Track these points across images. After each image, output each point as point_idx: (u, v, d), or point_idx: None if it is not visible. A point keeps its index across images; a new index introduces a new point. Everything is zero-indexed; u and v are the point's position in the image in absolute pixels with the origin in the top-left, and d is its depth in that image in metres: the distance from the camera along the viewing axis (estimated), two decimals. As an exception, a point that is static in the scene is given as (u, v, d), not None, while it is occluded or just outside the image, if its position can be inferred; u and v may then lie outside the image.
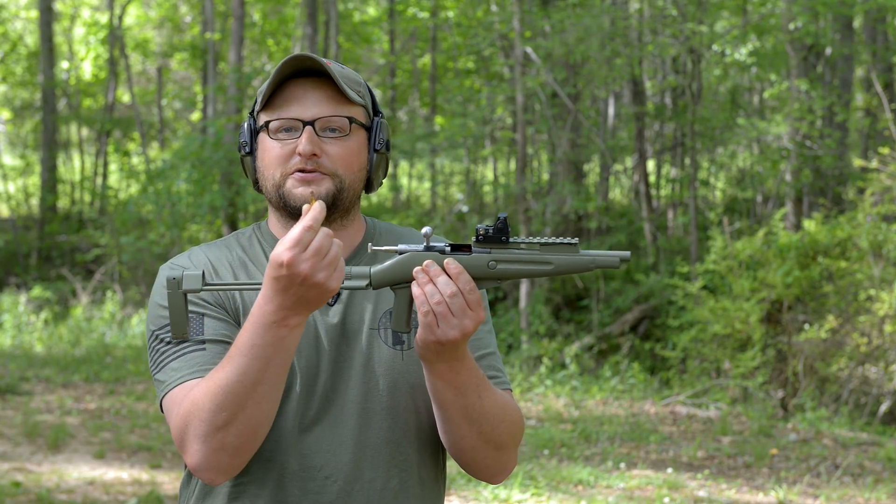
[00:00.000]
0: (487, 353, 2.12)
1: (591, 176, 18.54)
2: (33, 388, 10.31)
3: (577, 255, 1.84)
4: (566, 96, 13.85)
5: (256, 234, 2.09)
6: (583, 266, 1.84)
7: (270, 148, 1.99)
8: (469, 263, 1.84)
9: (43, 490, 6.71)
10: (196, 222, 13.36)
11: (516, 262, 1.84)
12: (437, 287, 1.82)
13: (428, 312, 1.82)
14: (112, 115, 22.25)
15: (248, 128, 2.04)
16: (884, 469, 7.65)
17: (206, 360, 1.91)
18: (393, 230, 2.15)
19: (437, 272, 1.83)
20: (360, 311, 2.03)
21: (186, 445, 1.85)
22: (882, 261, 10.06)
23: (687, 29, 13.73)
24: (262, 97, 2.00)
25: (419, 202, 22.32)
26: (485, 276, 1.85)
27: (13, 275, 18.30)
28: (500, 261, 1.84)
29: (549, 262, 1.84)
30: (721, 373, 10.64)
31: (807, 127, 13.72)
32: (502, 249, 1.85)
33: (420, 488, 2.03)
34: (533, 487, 6.84)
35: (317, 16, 17.85)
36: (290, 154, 1.98)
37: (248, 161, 2.05)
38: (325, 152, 1.97)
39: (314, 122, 1.97)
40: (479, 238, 1.85)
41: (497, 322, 13.72)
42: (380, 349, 2.02)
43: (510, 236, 1.85)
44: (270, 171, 1.99)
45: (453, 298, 1.82)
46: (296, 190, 1.98)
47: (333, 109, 1.99)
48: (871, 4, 13.66)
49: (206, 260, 2.03)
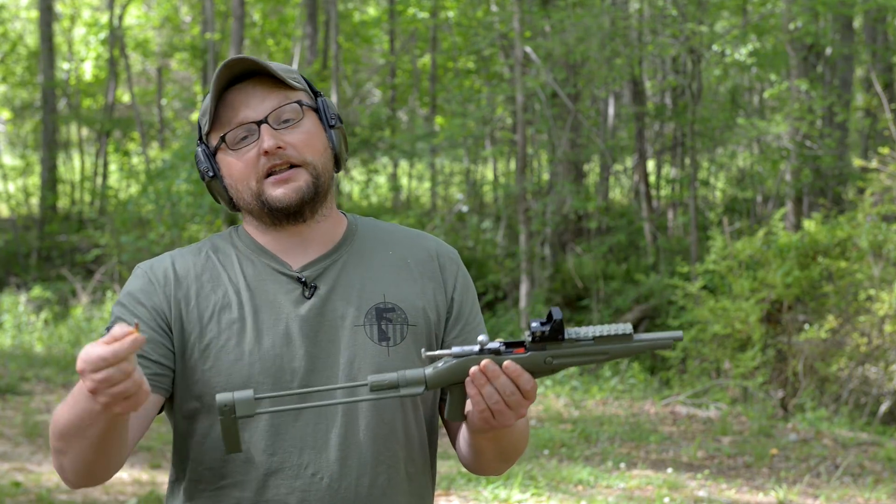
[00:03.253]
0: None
1: (591, 176, 18.54)
2: (33, 388, 10.31)
3: (632, 342, 1.85)
4: (566, 96, 13.85)
5: (232, 238, 2.08)
6: (638, 350, 1.85)
7: (234, 161, 1.99)
8: (526, 363, 1.85)
9: (43, 490, 6.71)
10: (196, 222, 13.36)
11: (572, 356, 1.85)
12: (495, 388, 1.84)
13: (485, 410, 1.85)
14: (112, 115, 22.25)
15: (204, 153, 2.04)
16: (884, 469, 7.65)
17: None
18: (377, 227, 2.13)
19: (495, 374, 1.83)
20: (343, 304, 2.01)
21: (54, 457, 1.93)
22: (882, 261, 10.06)
23: (687, 29, 13.73)
24: (207, 117, 2.01)
25: (419, 202, 22.32)
26: (541, 371, 1.85)
27: (13, 275, 18.30)
28: (556, 356, 1.85)
29: (605, 351, 1.85)
30: (721, 373, 10.64)
31: (807, 127, 13.73)
32: (558, 345, 1.85)
33: (408, 483, 2.03)
34: (533, 487, 6.84)
35: (317, 16, 17.86)
36: (255, 158, 1.97)
37: (215, 185, 2.05)
38: (287, 143, 1.97)
39: (267, 119, 1.98)
40: (535, 339, 1.85)
41: (497, 322, 13.73)
42: (365, 345, 2.00)
43: (565, 332, 1.84)
44: (244, 183, 1.99)
45: (512, 397, 1.84)
46: (276, 192, 1.98)
47: (280, 100, 1.99)
48: (871, 4, 13.66)
49: (171, 269, 2.04)
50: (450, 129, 15.34)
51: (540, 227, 13.96)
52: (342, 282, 2.03)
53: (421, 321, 2.05)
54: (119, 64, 22.44)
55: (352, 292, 2.02)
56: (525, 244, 13.54)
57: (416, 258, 2.10)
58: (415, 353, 2.04)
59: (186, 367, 1.98)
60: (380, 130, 18.83)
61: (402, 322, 2.03)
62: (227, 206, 2.07)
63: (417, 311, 2.05)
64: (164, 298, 2.00)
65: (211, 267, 2.04)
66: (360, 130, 18.31)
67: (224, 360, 1.97)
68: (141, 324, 1.96)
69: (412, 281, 2.07)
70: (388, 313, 2.03)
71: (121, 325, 1.69)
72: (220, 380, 1.96)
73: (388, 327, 2.03)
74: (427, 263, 2.10)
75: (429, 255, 2.11)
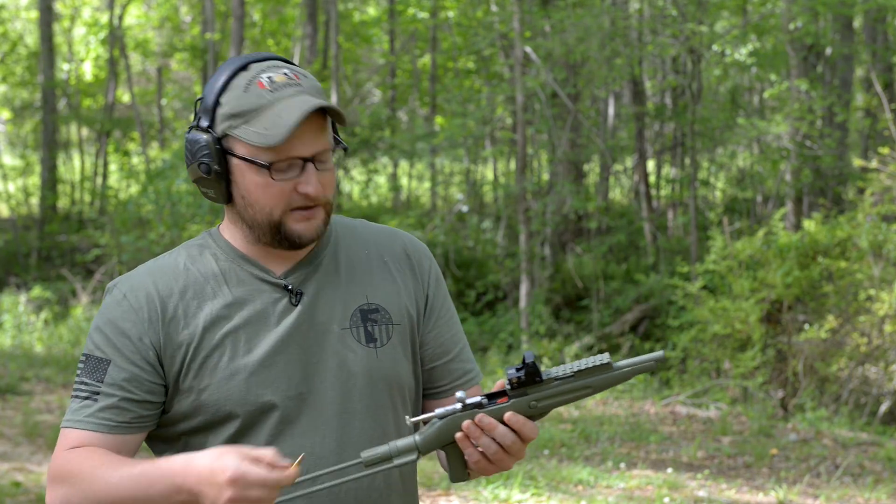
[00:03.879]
0: (459, 349, 2.14)
1: (591, 176, 18.54)
2: (33, 388, 10.31)
3: (613, 371, 1.84)
4: (566, 96, 13.85)
5: (209, 246, 2.04)
6: (622, 378, 1.84)
7: (268, 185, 1.93)
8: (512, 410, 1.85)
9: (43, 490, 6.70)
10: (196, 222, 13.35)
11: (555, 396, 1.85)
12: (493, 438, 1.85)
13: (480, 461, 1.87)
14: (112, 115, 22.25)
15: (215, 149, 1.95)
16: (884, 469, 7.65)
17: (92, 414, 1.95)
18: (349, 226, 2.12)
19: (490, 426, 1.85)
20: (329, 309, 2.01)
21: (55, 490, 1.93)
22: (882, 261, 10.06)
23: (687, 29, 13.73)
24: (261, 137, 1.90)
25: (419, 202, 22.31)
26: (528, 415, 1.85)
27: (13, 275, 18.30)
28: (539, 399, 1.84)
29: (587, 385, 1.84)
30: (721, 373, 10.64)
31: (807, 127, 13.72)
32: (539, 388, 1.85)
33: (402, 484, 2.05)
34: (533, 487, 6.83)
35: (317, 16, 17.86)
36: (289, 191, 1.93)
37: (215, 183, 1.97)
38: (322, 185, 1.96)
39: (314, 158, 1.94)
40: (514, 386, 1.85)
41: (497, 322, 13.72)
42: (353, 348, 2.01)
43: (541, 373, 1.84)
44: (268, 209, 1.94)
45: (514, 445, 1.85)
46: (298, 226, 1.96)
47: (324, 141, 1.95)
48: (871, 4, 13.66)
49: (154, 291, 1.99)
50: (450, 129, 15.33)
51: (540, 227, 13.96)
52: (326, 286, 2.02)
53: (405, 319, 2.07)
54: (119, 64, 22.44)
55: (336, 296, 2.02)
56: (525, 244, 13.54)
57: (392, 255, 2.11)
58: (401, 352, 2.05)
59: (180, 389, 1.97)
60: (380, 130, 18.83)
61: (387, 322, 2.04)
62: (218, 200, 2.00)
63: (401, 310, 2.06)
64: (149, 327, 1.96)
65: (193, 281, 1.99)
66: (360, 130, 18.31)
67: (219, 377, 1.96)
68: (124, 360, 1.95)
69: (391, 279, 2.08)
70: (372, 314, 2.04)
71: (281, 458, 1.79)
72: (217, 397, 1.95)
73: (374, 328, 2.03)
74: (403, 261, 2.11)
75: (404, 251, 2.12)
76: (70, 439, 1.95)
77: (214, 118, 1.95)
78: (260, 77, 1.93)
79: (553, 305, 14.10)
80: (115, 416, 1.95)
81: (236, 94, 1.93)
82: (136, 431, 1.97)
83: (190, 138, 1.98)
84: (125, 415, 1.95)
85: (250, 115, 1.92)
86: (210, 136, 1.95)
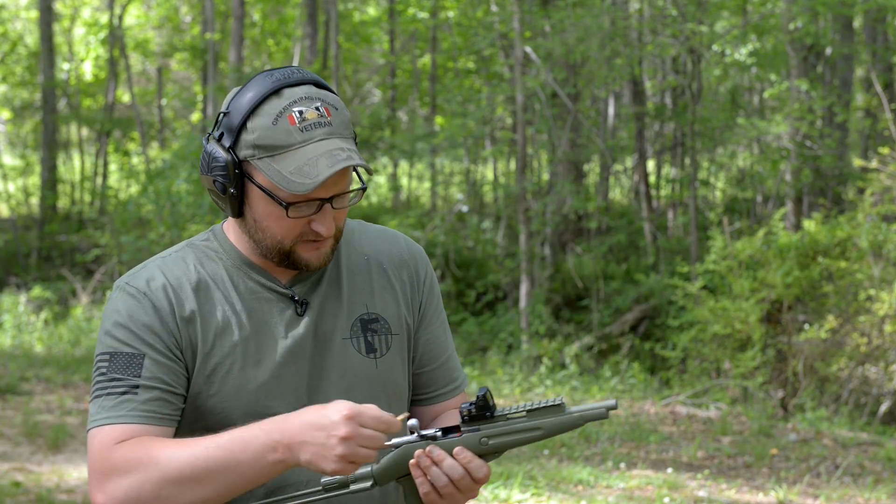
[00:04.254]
0: (446, 357, 2.14)
1: (591, 176, 18.54)
2: (33, 388, 10.31)
3: (564, 414, 1.84)
4: (566, 96, 13.85)
5: (214, 247, 2.03)
6: (572, 424, 1.84)
7: (281, 219, 1.92)
8: (461, 445, 1.85)
9: (43, 490, 6.71)
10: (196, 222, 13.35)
11: (507, 434, 1.85)
12: (441, 470, 1.84)
13: (430, 493, 1.85)
14: (112, 115, 22.24)
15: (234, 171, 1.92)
16: (884, 469, 7.64)
17: (136, 407, 1.89)
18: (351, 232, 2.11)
19: (440, 456, 1.84)
20: (332, 319, 2.01)
21: (117, 483, 1.84)
22: (882, 261, 10.06)
23: (687, 29, 13.72)
24: (289, 183, 1.87)
25: (419, 202, 22.31)
26: (480, 453, 1.85)
27: (13, 275, 18.29)
28: (491, 436, 1.85)
29: (538, 427, 1.85)
30: (721, 373, 10.64)
31: (807, 127, 13.72)
32: (491, 424, 1.85)
33: (396, 492, 2.05)
34: (533, 487, 6.83)
35: (317, 16, 17.85)
36: (302, 225, 1.93)
37: (228, 200, 1.95)
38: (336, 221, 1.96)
39: (332, 200, 1.93)
40: (465, 419, 1.86)
41: (497, 322, 13.72)
42: (354, 358, 2.02)
43: (494, 409, 1.85)
44: (278, 238, 1.94)
45: (462, 481, 1.84)
46: (307, 255, 1.96)
47: (346, 183, 1.94)
48: (871, 4, 13.66)
49: (169, 287, 1.97)
50: (450, 129, 15.33)
51: (540, 227, 13.96)
52: (329, 295, 2.03)
53: (402, 329, 2.07)
54: (119, 64, 22.44)
55: (339, 305, 2.02)
56: (525, 244, 13.54)
57: (391, 262, 2.10)
58: (399, 361, 2.06)
59: (190, 392, 1.97)
60: (380, 130, 18.83)
61: (386, 332, 2.05)
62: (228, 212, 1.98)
63: (400, 320, 2.07)
64: (171, 323, 1.95)
65: (204, 284, 1.99)
66: (360, 130, 18.31)
67: (230, 386, 1.96)
68: (157, 353, 1.92)
69: (390, 287, 2.08)
70: (372, 324, 2.04)
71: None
72: (226, 406, 1.95)
73: (374, 338, 2.04)
74: (401, 267, 2.11)
75: (402, 258, 2.11)
76: (114, 434, 1.88)
77: (238, 141, 1.92)
78: (291, 111, 1.90)
79: (553, 305, 14.10)
80: (161, 408, 1.91)
81: (264, 124, 1.90)
82: (176, 424, 1.94)
83: (210, 151, 1.95)
84: (168, 407, 1.93)
85: (276, 152, 1.89)
86: (231, 157, 1.92)
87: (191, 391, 1.96)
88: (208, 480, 1.81)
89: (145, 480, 1.81)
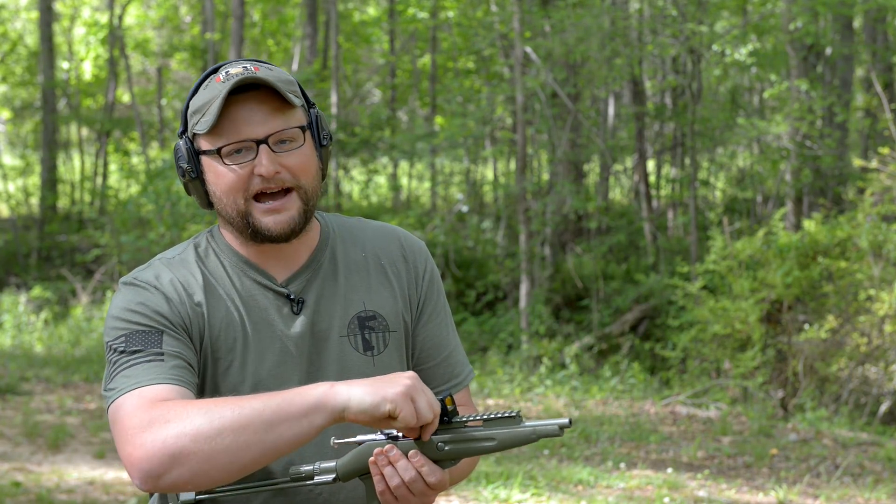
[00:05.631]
0: (448, 353, 2.13)
1: (591, 176, 18.54)
2: (33, 388, 10.31)
3: (518, 427, 1.85)
4: (566, 96, 13.85)
5: (212, 246, 2.03)
6: (524, 438, 1.85)
7: (224, 174, 1.92)
8: (418, 447, 1.86)
9: (43, 490, 6.71)
10: (196, 222, 13.35)
11: (463, 441, 1.86)
12: (395, 470, 1.83)
13: (384, 492, 1.84)
14: (112, 115, 22.24)
15: (188, 151, 1.95)
16: (884, 469, 7.64)
17: (165, 371, 1.84)
18: (346, 226, 2.11)
19: (396, 456, 1.84)
20: (329, 317, 2.01)
21: (157, 432, 1.72)
22: (882, 261, 10.06)
23: (687, 29, 13.73)
24: (203, 119, 1.91)
25: (419, 202, 22.31)
26: (437, 458, 1.86)
27: (13, 275, 18.29)
28: (447, 442, 1.86)
29: (492, 437, 1.86)
30: (721, 373, 10.64)
31: (807, 127, 13.72)
32: (447, 430, 1.86)
33: None
34: (533, 487, 6.83)
35: (317, 16, 17.85)
36: (248, 176, 1.92)
37: (194, 185, 1.97)
38: (283, 167, 1.92)
39: (268, 140, 1.91)
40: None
41: (497, 322, 13.72)
42: (352, 356, 2.01)
43: (452, 416, 1.86)
44: (231, 198, 1.93)
45: (414, 483, 1.83)
46: (266, 220, 1.93)
47: (283, 121, 1.93)
48: (871, 4, 13.66)
49: (177, 281, 1.96)
50: (450, 129, 15.33)
51: (540, 227, 13.95)
52: (325, 292, 2.02)
53: (400, 326, 2.06)
54: (119, 64, 22.44)
55: (335, 302, 2.02)
56: (525, 244, 13.54)
57: (389, 257, 2.09)
58: (396, 359, 2.05)
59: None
60: (380, 130, 18.82)
61: (384, 329, 2.04)
62: (204, 206, 2.00)
63: (397, 316, 2.06)
64: (184, 311, 1.94)
65: (207, 280, 1.99)
66: (360, 130, 18.31)
67: (230, 380, 1.96)
68: (174, 331, 1.91)
69: (388, 284, 2.07)
70: (369, 321, 2.03)
71: None
72: None
73: (372, 336, 2.03)
74: (399, 262, 2.09)
75: (401, 253, 2.10)
76: (149, 395, 1.80)
77: (186, 122, 1.97)
78: (219, 73, 1.94)
79: (553, 305, 14.10)
80: (189, 376, 1.88)
81: (199, 94, 1.95)
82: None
83: (174, 148, 1.99)
84: (194, 376, 1.90)
85: (204, 108, 1.92)
86: (184, 139, 1.97)
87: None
88: (252, 429, 1.72)
89: (185, 427, 1.71)
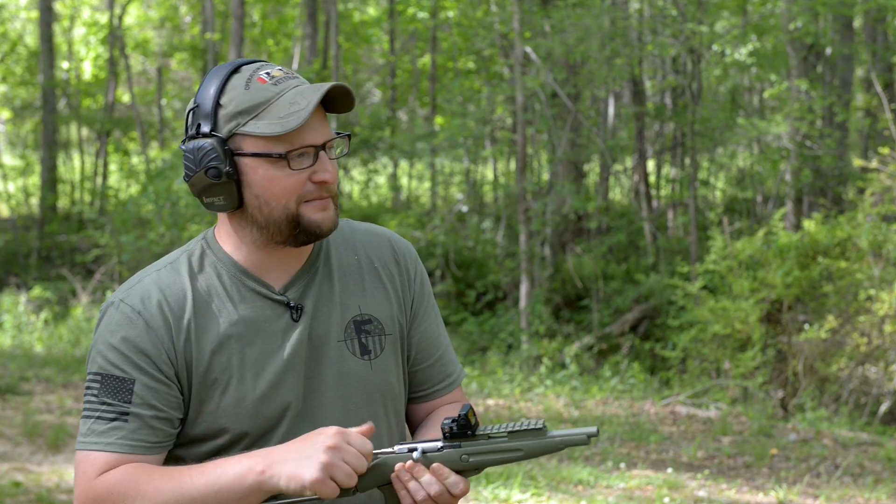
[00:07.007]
0: (440, 353, 2.14)
1: (591, 176, 18.54)
2: (33, 388, 10.31)
3: (546, 438, 1.86)
4: (566, 96, 13.85)
5: (208, 255, 2.01)
6: (552, 448, 1.86)
7: (280, 178, 1.91)
8: (442, 460, 1.88)
9: (43, 490, 6.71)
10: (196, 222, 13.35)
11: (487, 453, 1.87)
12: (420, 485, 1.86)
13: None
14: (112, 115, 22.24)
15: (223, 150, 1.91)
16: (884, 469, 7.64)
17: (125, 435, 1.90)
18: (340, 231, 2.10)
19: (419, 471, 1.86)
20: (326, 322, 2.01)
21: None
22: (882, 261, 10.06)
23: (687, 29, 13.72)
24: (278, 125, 1.88)
25: (419, 202, 22.31)
26: (458, 469, 1.88)
27: (13, 275, 18.29)
28: (471, 454, 1.87)
29: (519, 448, 1.87)
30: (721, 373, 10.64)
31: (807, 127, 13.72)
32: (471, 442, 1.87)
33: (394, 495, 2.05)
34: (533, 487, 6.83)
35: (317, 16, 17.85)
36: (304, 181, 1.92)
37: (227, 187, 1.92)
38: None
39: (325, 146, 1.94)
40: (447, 435, 1.89)
41: (497, 322, 13.72)
42: (349, 361, 2.01)
43: (475, 427, 1.87)
44: (283, 202, 1.92)
45: (440, 497, 1.86)
46: (317, 216, 1.94)
47: (330, 130, 1.96)
48: (871, 4, 13.66)
49: (164, 304, 1.95)
50: (450, 129, 15.32)
51: (540, 227, 13.95)
52: (322, 298, 2.02)
53: (395, 329, 2.07)
54: (119, 64, 22.44)
55: (332, 307, 2.01)
56: (525, 244, 13.54)
57: (382, 260, 2.09)
58: (393, 362, 2.06)
59: (191, 404, 1.96)
60: (380, 130, 18.82)
61: (380, 333, 2.04)
62: (228, 207, 1.95)
63: (392, 320, 2.06)
64: (167, 343, 1.93)
65: (199, 298, 1.97)
66: (360, 130, 18.31)
67: (229, 398, 1.95)
68: (148, 378, 1.91)
69: (382, 287, 2.07)
70: (365, 325, 2.03)
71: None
72: (226, 420, 1.95)
73: (368, 340, 2.03)
74: (391, 265, 2.10)
75: (392, 256, 2.10)
76: (100, 463, 1.90)
77: (217, 121, 1.92)
78: (258, 74, 1.93)
79: (553, 305, 14.10)
80: (150, 437, 1.92)
81: (238, 93, 1.91)
82: (165, 450, 1.96)
83: (192, 147, 1.93)
84: (158, 434, 1.93)
85: (258, 109, 1.90)
86: (215, 139, 1.91)
87: (191, 406, 1.95)
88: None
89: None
